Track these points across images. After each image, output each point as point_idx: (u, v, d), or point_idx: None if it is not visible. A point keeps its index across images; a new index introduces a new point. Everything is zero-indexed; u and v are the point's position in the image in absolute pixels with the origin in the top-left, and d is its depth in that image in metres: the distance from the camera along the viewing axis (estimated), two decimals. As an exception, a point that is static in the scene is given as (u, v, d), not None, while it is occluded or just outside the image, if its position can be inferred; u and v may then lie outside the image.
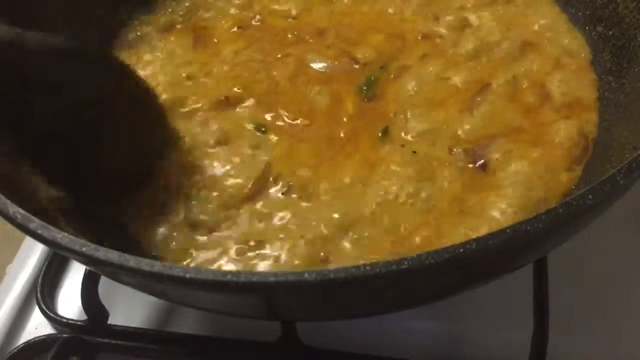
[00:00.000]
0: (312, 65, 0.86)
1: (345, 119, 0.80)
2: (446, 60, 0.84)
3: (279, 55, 0.87)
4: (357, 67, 0.85)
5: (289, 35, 0.90)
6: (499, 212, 0.70)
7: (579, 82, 0.80)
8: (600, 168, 0.70)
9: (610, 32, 0.81)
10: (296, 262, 0.68)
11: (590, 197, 0.52)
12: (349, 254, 0.69)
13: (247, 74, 0.86)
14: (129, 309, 0.80)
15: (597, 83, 0.80)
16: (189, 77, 0.86)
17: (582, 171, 0.73)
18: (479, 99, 0.80)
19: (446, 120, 0.78)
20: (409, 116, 0.79)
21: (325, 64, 0.86)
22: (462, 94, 0.81)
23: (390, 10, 0.91)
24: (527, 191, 0.71)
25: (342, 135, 0.79)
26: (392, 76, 0.84)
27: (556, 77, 0.81)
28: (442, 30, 0.88)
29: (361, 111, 0.81)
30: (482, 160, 0.74)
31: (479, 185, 0.73)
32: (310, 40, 0.89)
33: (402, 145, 0.76)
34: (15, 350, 0.77)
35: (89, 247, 0.53)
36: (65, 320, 0.79)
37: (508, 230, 0.50)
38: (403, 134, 0.78)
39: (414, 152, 0.76)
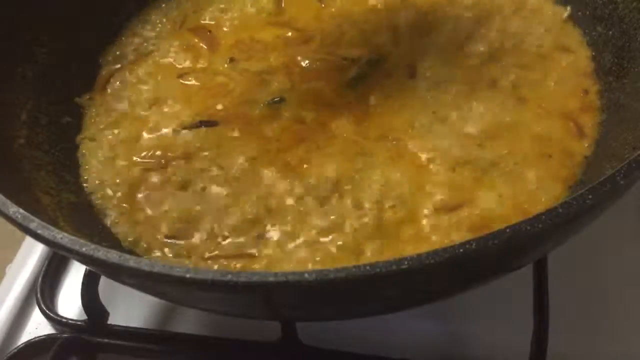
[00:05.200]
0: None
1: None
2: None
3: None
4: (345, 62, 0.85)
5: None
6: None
7: (579, 82, 0.80)
8: (600, 168, 0.70)
9: (610, 32, 0.81)
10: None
11: (590, 197, 0.52)
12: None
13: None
14: (129, 309, 0.80)
15: (597, 83, 0.80)
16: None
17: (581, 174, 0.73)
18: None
19: None
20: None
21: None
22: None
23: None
24: None
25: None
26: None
27: (555, 77, 0.81)
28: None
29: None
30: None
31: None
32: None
33: None
34: (15, 350, 0.77)
35: (89, 247, 0.53)
36: (65, 320, 0.79)
37: (508, 230, 0.50)
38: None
39: None
